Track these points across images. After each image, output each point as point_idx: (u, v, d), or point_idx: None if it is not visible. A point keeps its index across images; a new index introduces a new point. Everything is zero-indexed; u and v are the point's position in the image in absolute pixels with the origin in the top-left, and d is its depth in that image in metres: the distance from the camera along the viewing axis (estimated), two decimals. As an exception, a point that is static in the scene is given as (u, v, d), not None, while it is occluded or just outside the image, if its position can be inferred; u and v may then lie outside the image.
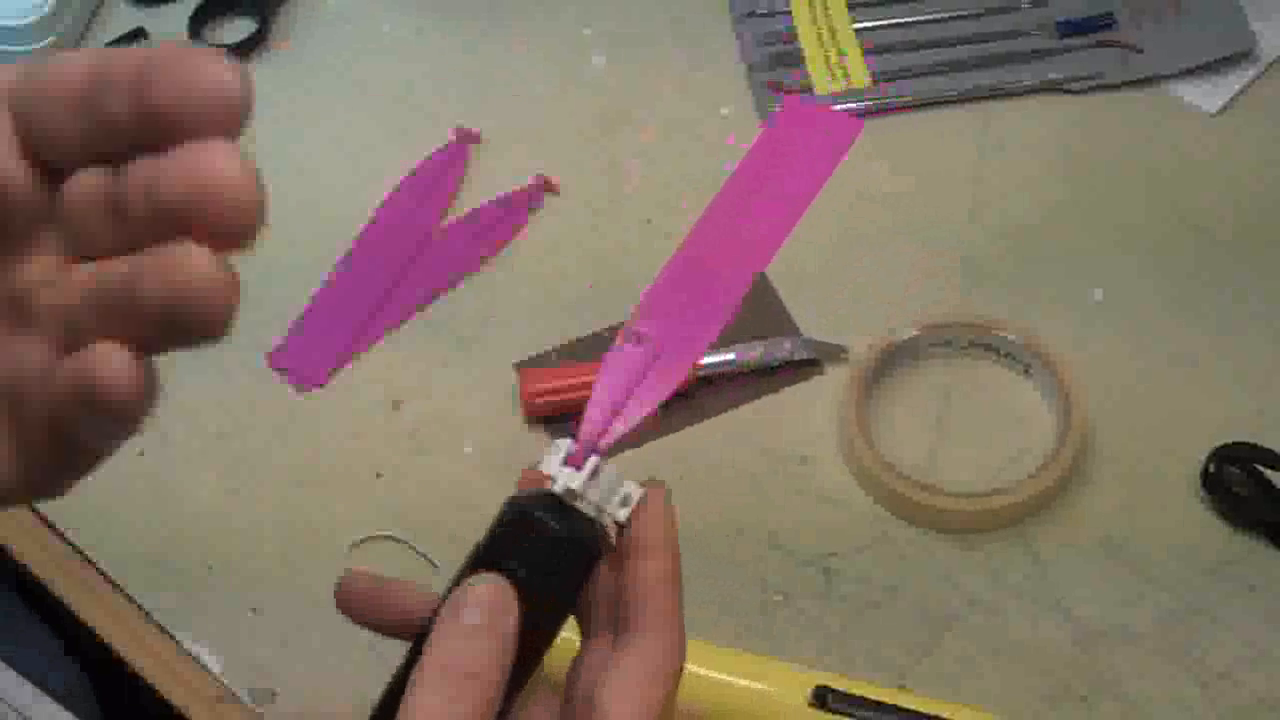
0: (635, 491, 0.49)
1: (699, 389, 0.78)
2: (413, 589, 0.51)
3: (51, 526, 0.75)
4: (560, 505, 0.48)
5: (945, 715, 0.64)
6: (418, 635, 0.46)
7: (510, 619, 0.45)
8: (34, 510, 0.75)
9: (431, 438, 0.78)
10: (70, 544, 0.74)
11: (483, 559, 0.47)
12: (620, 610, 0.48)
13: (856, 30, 0.91)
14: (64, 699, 0.65)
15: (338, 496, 0.76)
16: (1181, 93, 0.88)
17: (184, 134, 0.35)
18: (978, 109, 0.88)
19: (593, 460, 0.48)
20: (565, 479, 0.48)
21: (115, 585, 0.73)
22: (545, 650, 0.48)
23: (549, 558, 0.47)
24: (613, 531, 0.49)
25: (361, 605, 0.51)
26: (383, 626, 0.51)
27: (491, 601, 0.45)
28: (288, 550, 0.75)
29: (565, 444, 0.49)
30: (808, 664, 0.68)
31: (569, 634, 0.49)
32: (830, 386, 0.78)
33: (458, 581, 0.46)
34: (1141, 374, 0.78)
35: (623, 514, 0.48)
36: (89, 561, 0.74)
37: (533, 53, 0.93)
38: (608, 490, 0.48)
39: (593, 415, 0.49)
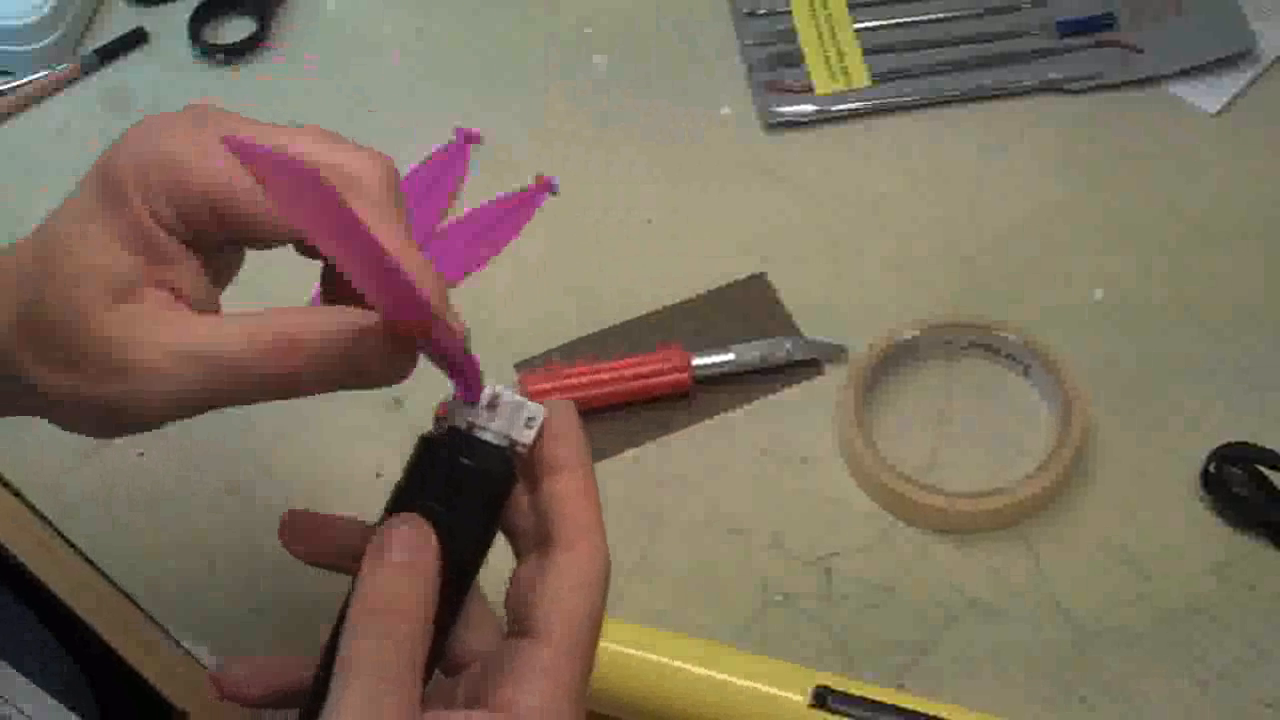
0: (539, 412, 0.49)
1: (699, 389, 0.78)
2: (356, 524, 0.52)
3: (51, 526, 0.74)
4: (467, 438, 0.49)
5: (945, 715, 0.64)
6: (357, 573, 0.47)
7: (429, 555, 0.46)
8: (34, 510, 0.75)
9: (431, 438, 0.77)
10: (70, 544, 0.74)
11: (400, 499, 0.48)
12: (543, 529, 0.49)
13: (856, 30, 0.91)
14: (63, 698, 0.65)
15: (338, 496, 0.76)
16: (1181, 93, 0.88)
17: None
18: (978, 109, 0.88)
19: (486, 391, 0.49)
20: (463, 413, 0.49)
21: (115, 585, 0.73)
22: (472, 578, 0.49)
23: (460, 490, 0.48)
24: (523, 453, 0.49)
25: (305, 540, 0.53)
26: (328, 562, 0.52)
27: (409, 540, 0.46)
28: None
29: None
30: (808, 664, 0.68)
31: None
32: (830, 386, 0.78)
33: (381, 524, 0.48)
34: (1141, 374, 0.78)
35: (528, 435, 0.49)
36: (89, 561, 0.74)
37: (533, 53, 0.93)
38: (511, 415, 0.49)
39: (459, 351, 0.49)
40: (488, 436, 0.49)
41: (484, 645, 0.50)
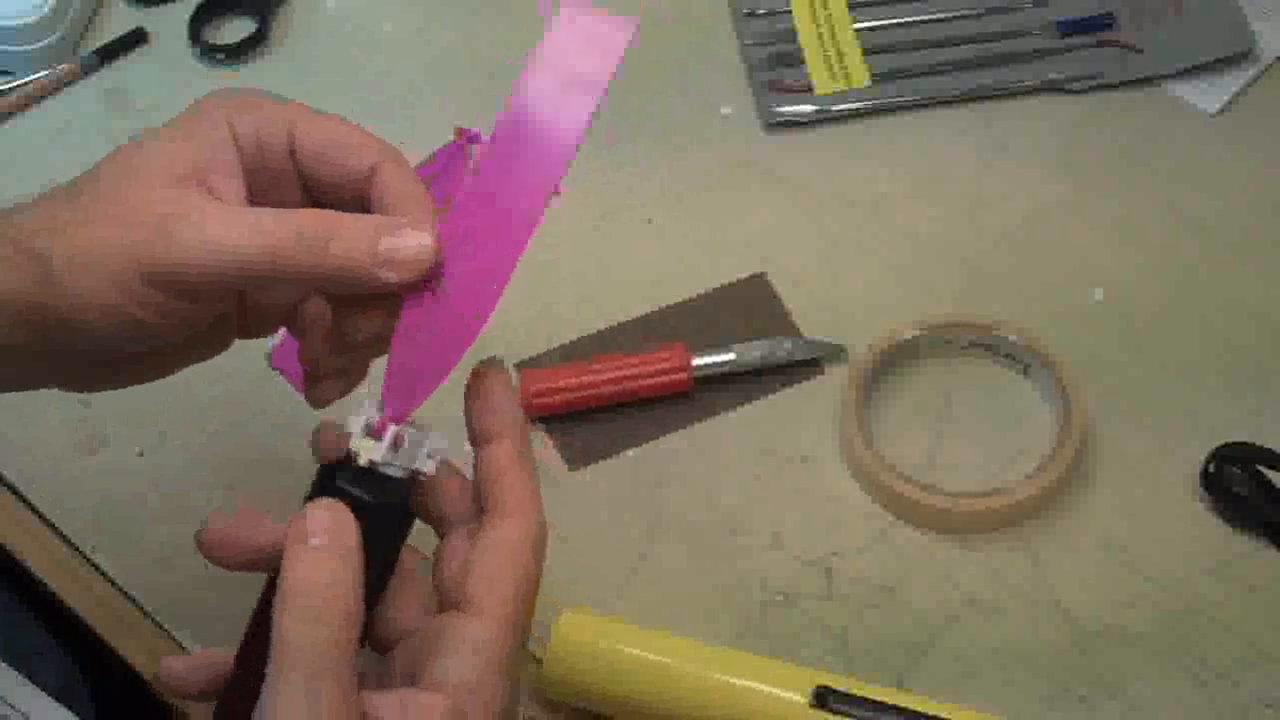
0: (441, 444, 0.50)
1: (699, 389, 0.78)
2: (267, 522, 0.52)
3: (51, 526, 0.74)
4: (368, 473, 0.49)
5: (945, 715, 0.64)
6: (277, 569, 0.47)
7: (350, 536, 0.47)
8: (34, 509, 0.75)
9: (431, 438, 0.77)
10: (70, 543, 0.74)
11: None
12: (479, 495, 0.50)
13: (856, 30, 0.91)
14: (62, 697, 0.65)
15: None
16: (1181, 93, 0.88)
17: None
18: (978, 109, 0.88)
19: (391, 430, 0.50)
20: (368, 452, 0.49)
21: (115, 585, 0.73)
22: (375, 606, 0.50)
23: (362, 524, 0.48)
24: (425, 481, 0.51)
25: (223, 548, 0.52)
26: (253, 564, 0.52)
27: (330, 523, 0.47)
28: (287, 550, 0.75)
29: (366, 406, 0.50)
30: (808, 664, 0.68)
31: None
32: (830, 386, 0.78)
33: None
34: (1141, 374, 0.78)
35: (430, 466, 0.50)
36: (89, 561, 0.74)
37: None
38: (413, 450, 0.50)
39: (394, 385, 0.50)
40: (392, 471, 0.50)
41: (414, 621, 0.51)
